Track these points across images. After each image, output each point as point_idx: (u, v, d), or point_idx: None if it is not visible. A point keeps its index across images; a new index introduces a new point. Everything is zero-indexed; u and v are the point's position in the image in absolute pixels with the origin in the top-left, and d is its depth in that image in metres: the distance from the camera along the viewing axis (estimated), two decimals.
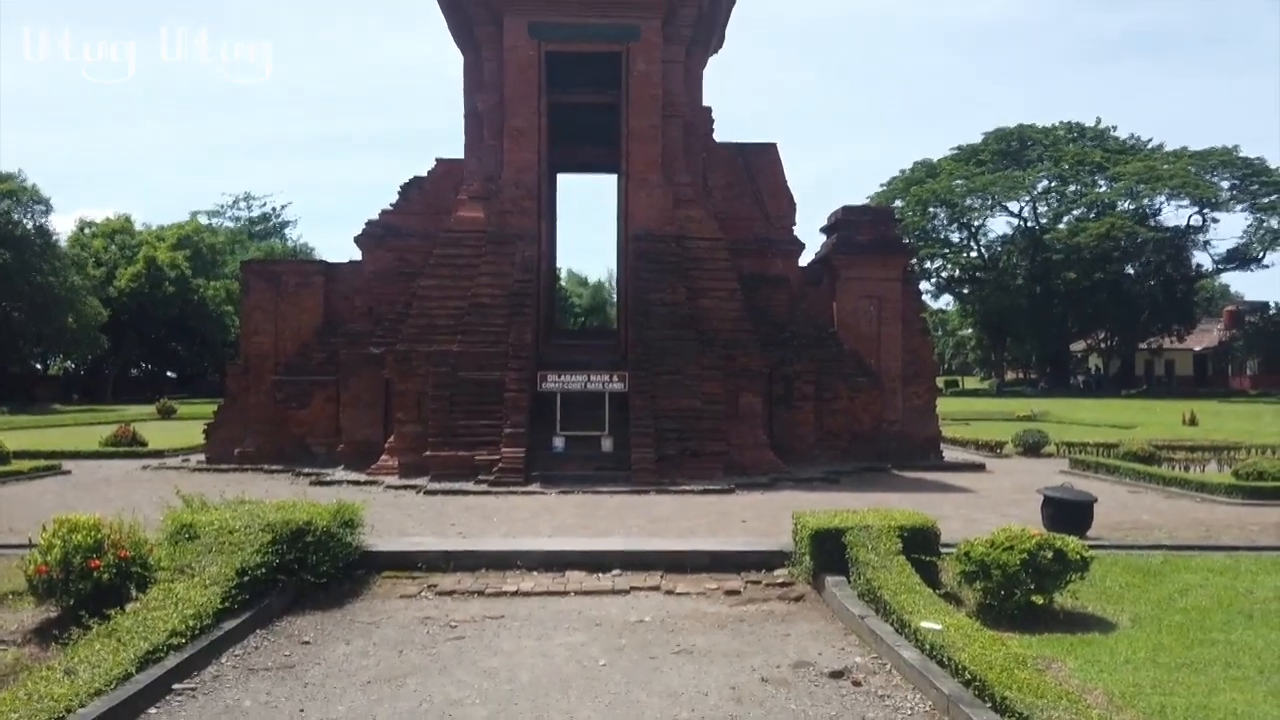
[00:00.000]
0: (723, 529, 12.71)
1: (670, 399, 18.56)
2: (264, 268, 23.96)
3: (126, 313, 59.39)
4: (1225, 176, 70.03)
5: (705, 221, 20.74)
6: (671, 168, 20.69)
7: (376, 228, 21.86)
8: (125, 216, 66.98)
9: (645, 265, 20.03)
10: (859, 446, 21.23)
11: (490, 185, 20.51)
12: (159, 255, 60.68)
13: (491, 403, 18.42)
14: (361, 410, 20.30)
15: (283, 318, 21.98)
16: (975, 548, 8.72)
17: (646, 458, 17.53)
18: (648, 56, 20.26)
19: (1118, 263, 68.62)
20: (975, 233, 78.35)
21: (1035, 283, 72.17)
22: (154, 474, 19.70)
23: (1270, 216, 69.33)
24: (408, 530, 12.54)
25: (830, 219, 23.77)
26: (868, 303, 22.06)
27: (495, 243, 20.04)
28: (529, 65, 20.17)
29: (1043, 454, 24.54)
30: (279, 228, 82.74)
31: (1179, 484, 17.35)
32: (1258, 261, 71.72)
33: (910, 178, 77.91)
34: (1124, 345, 75.00)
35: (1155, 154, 73.48)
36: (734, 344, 19.58)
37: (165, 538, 9.32)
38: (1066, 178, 74.19)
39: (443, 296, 19.86)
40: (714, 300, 20.10)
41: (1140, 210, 71.45)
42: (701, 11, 20.90)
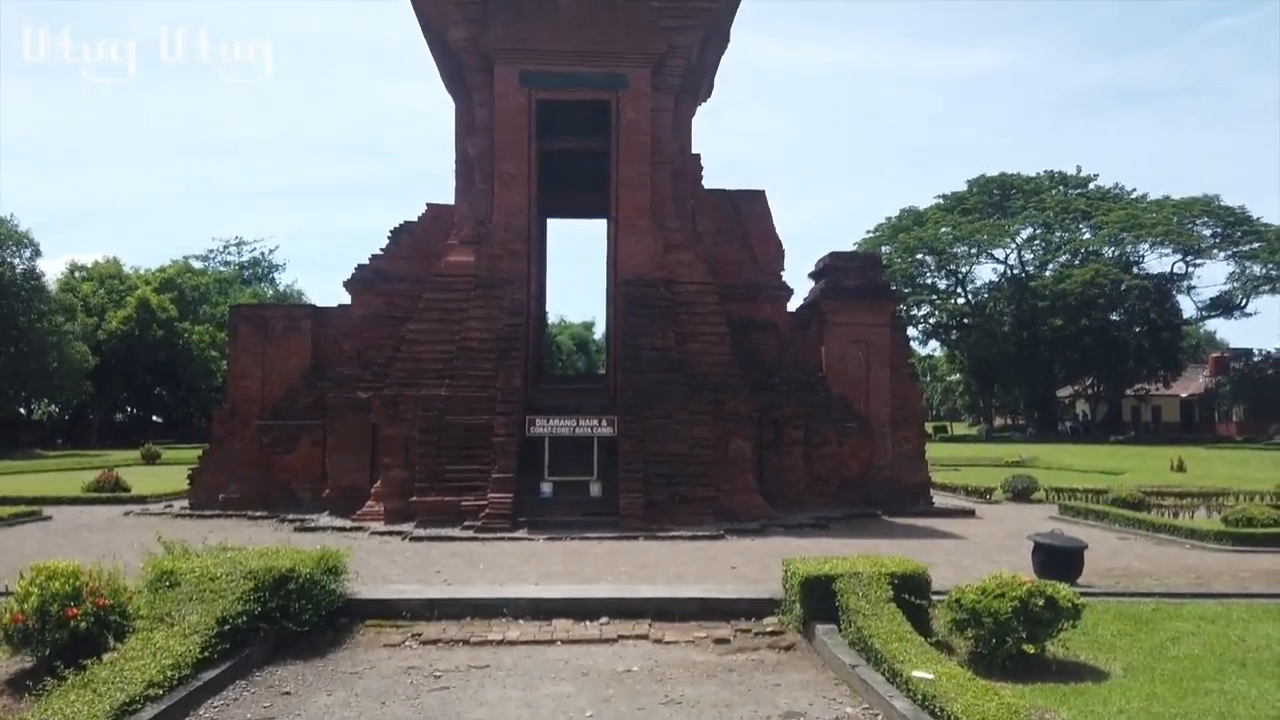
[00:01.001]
0: (712, 576, 12.58)
1: (659, 443, 18.48)
2: (252, 312, 23.90)
3: (114, 357, 59.06)
4: (1207, 225, 70.99)
5: (694, 266, 20.85)
6: (661, 213, 20.84)
7: (366, 272, 21.88)
8: (114, 260, 66.90)
9: (635, 310, 20.08)
10: (848, 492, 21.15)
11: (480, 230, 20.60)
12: (150, 299, 60.55)
13: (479, 447, 18.31)
14: (348, 455, 20.14)
15: (270, 362, 21.88)
16: (966, 595, 8.65)
17: (635, 503, 17.41)
18: (637, 105, 20.51)
19: (1103, 309, 69.19)
20: (962, 279, 79.05)
21: (1022, 329, 72.65)
22: (136, 520, 19.44)
23: (1252, 264, 70.19)
24: (392, 577, 12.37)
25: (818, 265, 23.92)
26: (856, 348, 22.12)
27: (484, 287, 20.07)
28: (519, 112, 20.38)
29: (1032, 500, 24.49)
30: (269, 272, 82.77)
31: (1168, 530, 17.30)
32: (1240, 309, 72.47)
33: (897, 225, 78.72)
34: (1111, 391, 75.36)
35: (1138, 203, 74.51)
36: (723, 388, 19.57)
37: (145, 585, 9.16)
38: (1051, 225, 75.09)
39: (431, 340, 19.83)
40: (703, 345, 20.13)
41: (1124, 257, 72.27)
42: (690, 62, 21.20)
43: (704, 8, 20.73)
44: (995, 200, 77.07)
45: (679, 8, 20.56)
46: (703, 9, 20.74)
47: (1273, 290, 69.96)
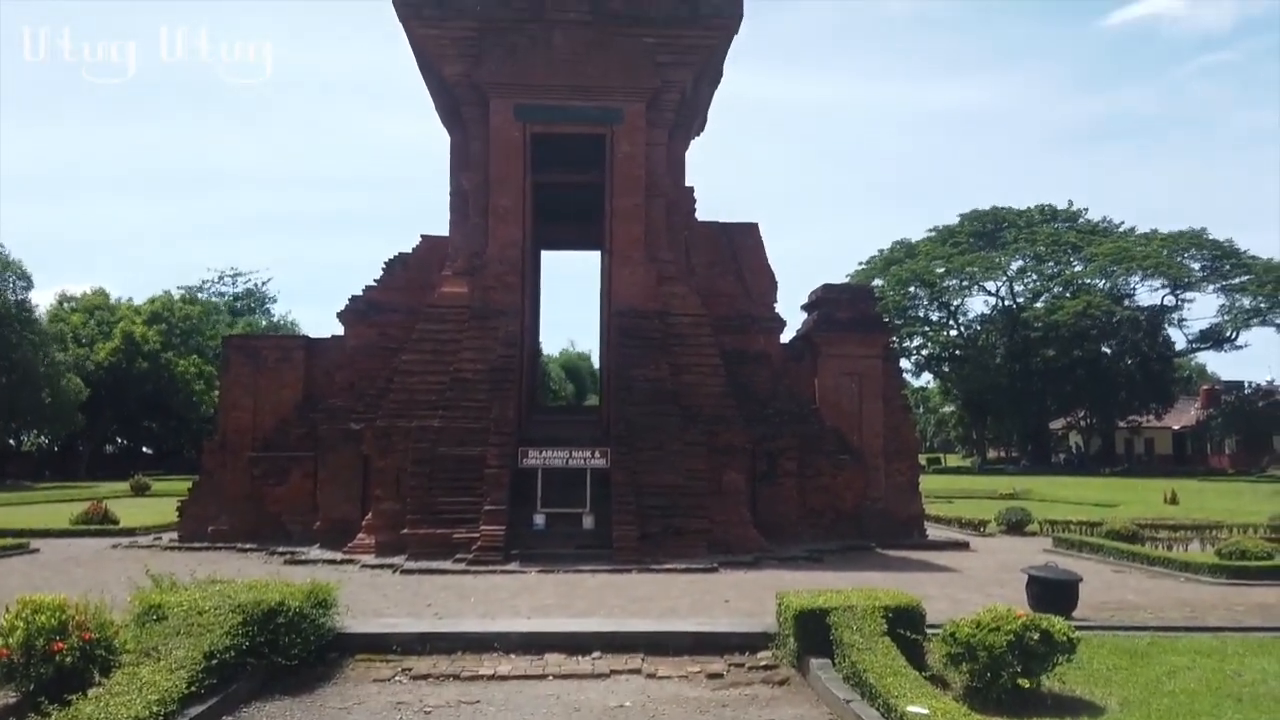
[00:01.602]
0: (705, 609, 12.49)
1: (653, 475, 18.43)
2: (245, 342, 23.88)
3: (102, 388, 58.79)
4: (1196, 258, 71.49)
5: (688, 298, 20.91)
6: (655, 246, 20.94)
7: (360, 303, 21.90)
8: (101, 291, 66.76)
9: (628, 341, 20.10)
10: (842, 524, 21.08)
11: (475, 261, 20.66)
12: (135, 330, 60.38)
13: (471, 479, 18.23)
14: (339, 487, 20.03)
15: (262, 393, 21.81)
16: (961, 628, 8.60)
17: (628, 535, 17.33)
18: (631, 139, 20.68)
19: (1095, 341, 69.46)
20: (954, 312, 79.36)
21: (1014, 361, 72.87)
22: (124, 553, 19.26)
23: (1241, 297, 70.62)
24: (383, 611, 12.26)
25: (811, 297, 24.02)
26: (849, 380, 22.15)
27: (478, 318, 20.09)
28: (514, 146, 20.52)
29: (1026, 532, 24.43)
30: (262, 303, 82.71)
31: (1163, 563, 17.27)
32: (1231, 341, 72.79)
33: (889, 257, 79.14)
34: (1103, 423, 75.48)
35: (1127, 236, 75.09)
36: (717, 420, 19.56)
37: (132, 619, 9.06)
38: (1043, 258, 75.56)
39: (424, 372, 19.81)
40: (697, 376, 20.15)
41: (1115, 290, 72.69)
42: (684, 96, 21.41)
43: (698, 44, 20.98)
44: (987, 233, 77.59)
45: (673, 44, 20.80)
46: (696, 46, 20.98)
47: (1262, 323, 70.37)
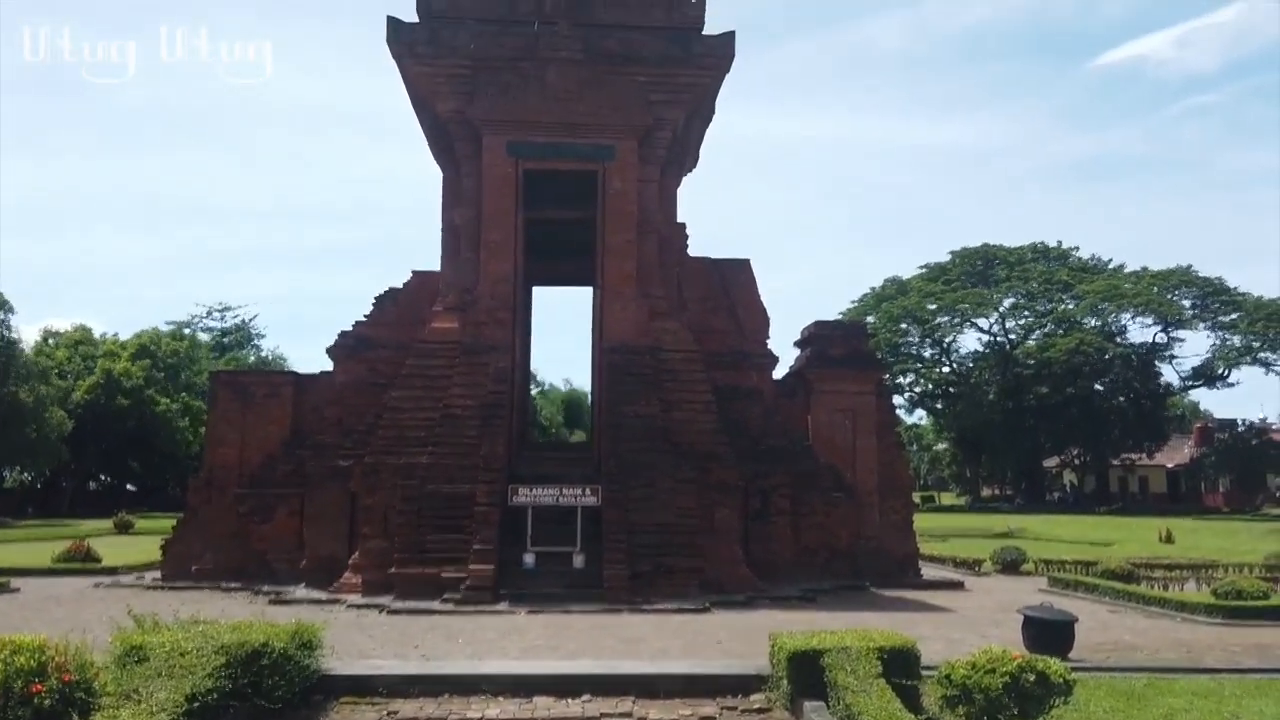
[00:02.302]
0: (697, 650, 12.30)
1: (644, 513, 18.26)
2: (232, 378, 23.76)
3: (85, 425, 58.30)
4: (1186, 295, 71.97)
5: (680, 334, 20.88)
6: (646, 282, 20.94)
7: (349, 339, 21.80)
8: (84, 327, 66.53)
9: (620, 378, 20.02)
10: (837, 563, 20.89)
11: (466, 297, 20.62)
12: (116, 367, 60.01)
13: (461, 517, 18.03)
14: (326, 525, 19.79)
15: (249, 429, 21.62)
16: (956, 670, 8.45)
17: (619, 575, 17.12)
18: (623, 175, 20.76)
19: (1087, 379, 69.61)
20: (946, 349, 79.53)
21: (1007, 398, 72.95)
22: (106, 592, 18.96)
23: (1232, 335, 70.98)
24: (369, 652, 12.04)
25: (803, 333, 24.02)
26: (842, 416, 22.08)
27: (469, 354, 20.01)
28: (506, 182, 20.58)
29: (1021, 572, 24.26)
30: (250, 338, 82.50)
31: (1159, 603, 17.12)
32: (1223, 379, 73.02)
33: (881, 294, 79.47)
34: (1097, 461, 75.40)
35: (1118, 274, 75.62)
36: (709, 457, 19.43)
37: (113, 660, 8.85)
38: (1034, 295, 75.97)
39: (414, 408, 19.68)
40: (688, 413, 20.05)
41: (1106, 327, 73.03)
42: (676, 134, 21.55)
43: (690, 83, 21.16)
44: (978, 270, 78.05)
45: (665, 83, 20.98)
46: (688, 84, 21.16)
47: (1253, 361, 70.66)
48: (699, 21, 21.47)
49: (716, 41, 21.09)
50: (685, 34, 21.16)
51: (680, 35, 21.11)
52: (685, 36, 21.11)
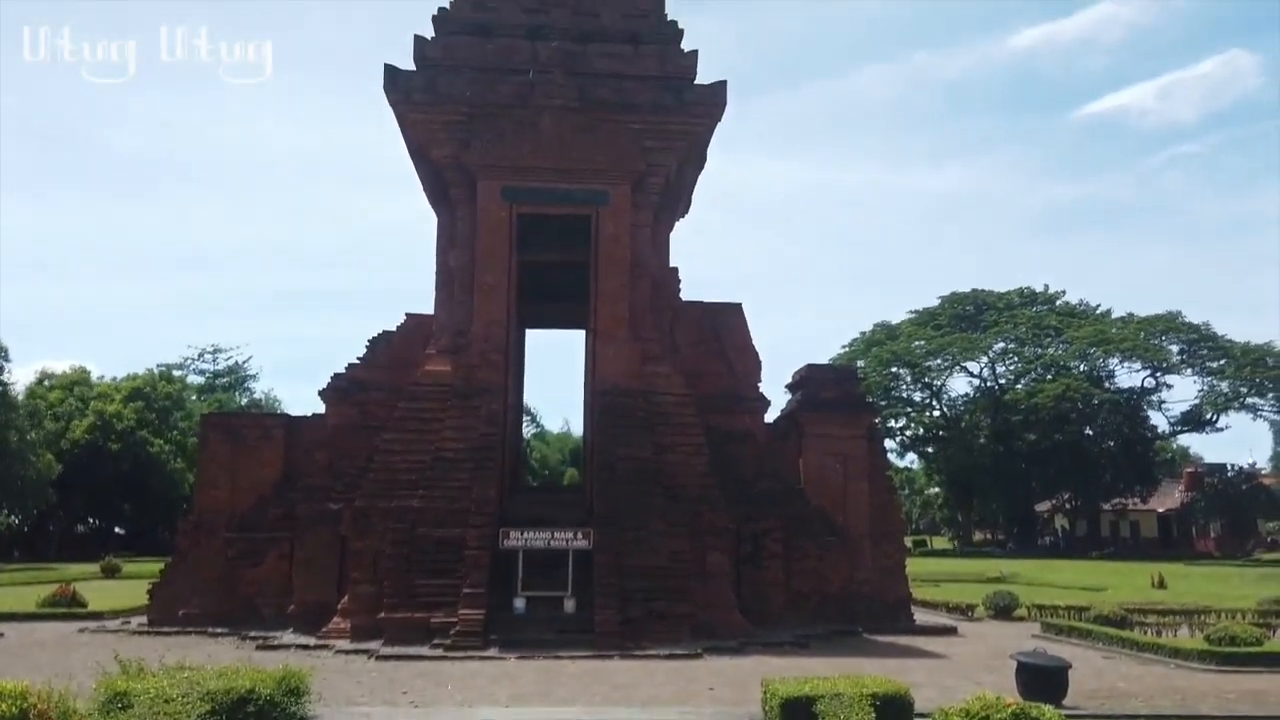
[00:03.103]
0: (689, 697, 12.19)
1: (636, 557, 18.16)
2: (223, 420, 23.69)
3: (76, 467, 57.86)
4: (1174, 341, 72.46)
5: (672, 377, 20.93)
6: (639, 325, 21.04)
7: (342, 381, 21.80)
8: (82, 369, 66.28)
9: (612, 420, 20.03)
10: (829, 608, 20.75)
11: (459, 340, 20.68)
12: (109, 409, 59.72)
13: (451, 561, 17.91)
14: (315, 569, 19.62)
15: (240, 472, 21.51)
16: (950, 717, 8.40)
17: (610, 620, 16.98)
18: (617, 220, 20.96)
19: (1076, 424, 69.77)
20: (937, 392, 79.73)
21: (998, 442, 73.01)
22: (91, 637, 18.72)
23: (1219, 380, 71.33)
24: (357, 699, 11.89)
25: (795, 377, 24.10)
26: (834, 460, 22.07)
27: (461, 397, 20.01)
28: (501, 226, 20.74)
29: (1014, 617, 24.11)
30: (243, 381, 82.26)
31: (1152, 649, 17.04)
32: (1211, 424, 73.24)
33: (871, 339, 79.81)
34: (1088, 506, 75.33)
35: (1105, 319, 76.16)
36: (701, 500, 19.39)
37: (96, 707, 8.74)
38: (1023, 340, 76.40)
39: (405, 451, 19.62)
40: (681, 456, 20.03)
41: (1094, 372, 73.37)
42: (669, 180, 21.81)
43: (682, 131, 21.47)
44: (967, 315, 78.55)
45: (658, 130, 21.28)
46: (681, 132, 21.46)
47: (1241, 406, 70.98)
48: (691, 71, 21.84)
49: (708, 90, 21.44)
50: (678, 83, 21.51)
51: (673, 84, 21.45)
52: (678, 85, 21.46)
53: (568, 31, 21.96)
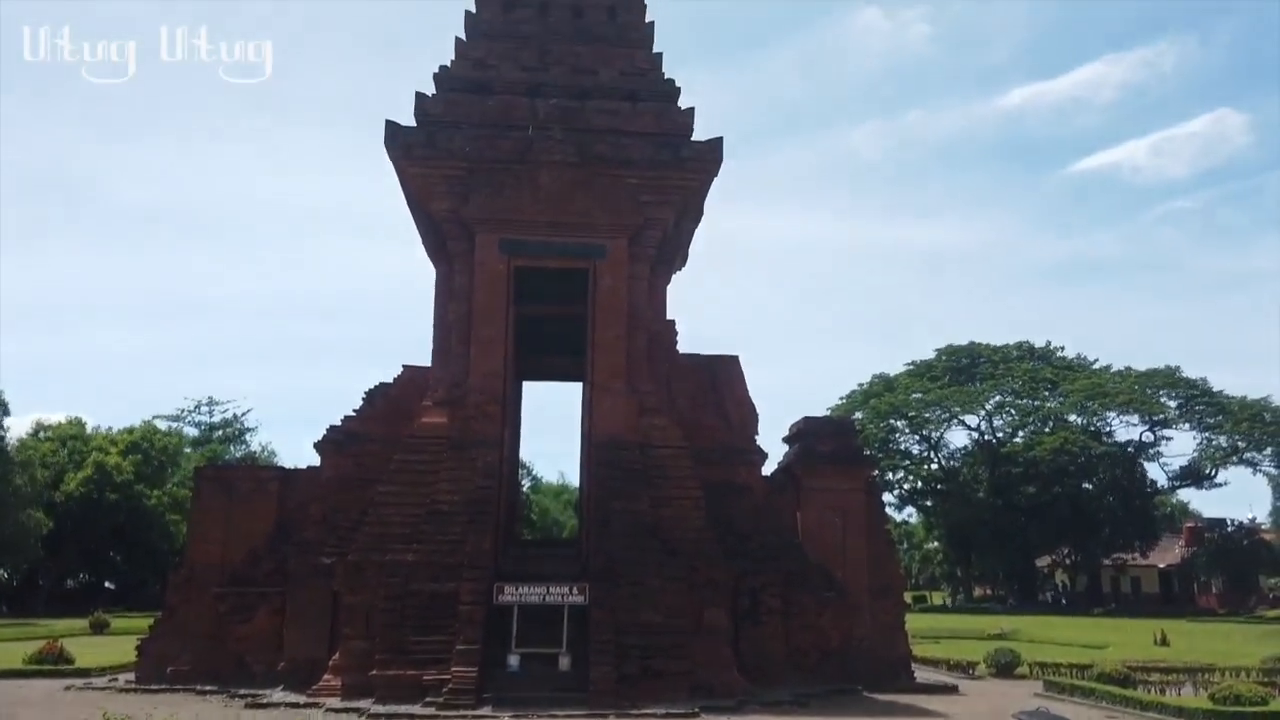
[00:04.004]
0: None
1: (632, 613, 17.91)
2: (217, 473, 23.54)
3: (69, 520, 57.25)
4: (1171, 396, 72.48)
5: (669, 430, 20.86)
6: (636, 377, 21.02)
7: (338, 433, 21.70)
8: (77, 420, 65.93)
9: (608, 473, 19.91)
10: (828, 665, 20.41)
11: (456, 392, 20.63)
12: (109, 460, 59.29)
13: (445, 616, 17.65)
14: (307, 625, 19.32)
15: (233, 525, 21.29)
16: None
17: (606, 677, 16.70)
18: (614, 273, 21.06)
19: (1075, 477, 69.42)
20: (934, 445, 79.48)
21: (996, 496, 72.60)
22: (77, 695, 18.38)
23: (1217, 435, 71.21)
24: None
25: (792, 429, 24.02)
26: (832, 513, 21.90)
27: (457, 449, 19.90)
28: (499, 279, 20.84)
29: (1016, 675, 23.75)
30: (240, 433, 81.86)
31: (1156, 708, 16.77)
32: (1210, 479, 72.94)
33: (869, 391, 79.76)
34: (1088, 561, 74.66)
35: (1101, 373, 76.27)
36: (698, 555, 19.19)
37: None
38: (1020, 393, 76.40)
39: (400, 504, 19.46)
40: (677, 509, 19.87)
41: (1092, 426, 73.24)
42: (666, 234, 21.98)
43: (679, 186, 21.70)
44: (964, 368, 78.62)
45: (655, 185, 21.50)
46: (678, 187, 21.69)
47: (1239, 461, 70.77)
48: (688, 128, 22.15)
49: (705, 147, 21.71)
50: (675, 139, 21.80)
51: (670, 140, 21.74)
52: (675, 141, 21.74)
53: (566, 89, 22.32)
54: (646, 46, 23.72)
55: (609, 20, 23.70)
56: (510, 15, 23.52)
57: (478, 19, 23.52)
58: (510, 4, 23.64)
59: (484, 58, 22.70)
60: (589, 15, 23.67)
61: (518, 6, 23.60)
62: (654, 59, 23.45)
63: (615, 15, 23.77)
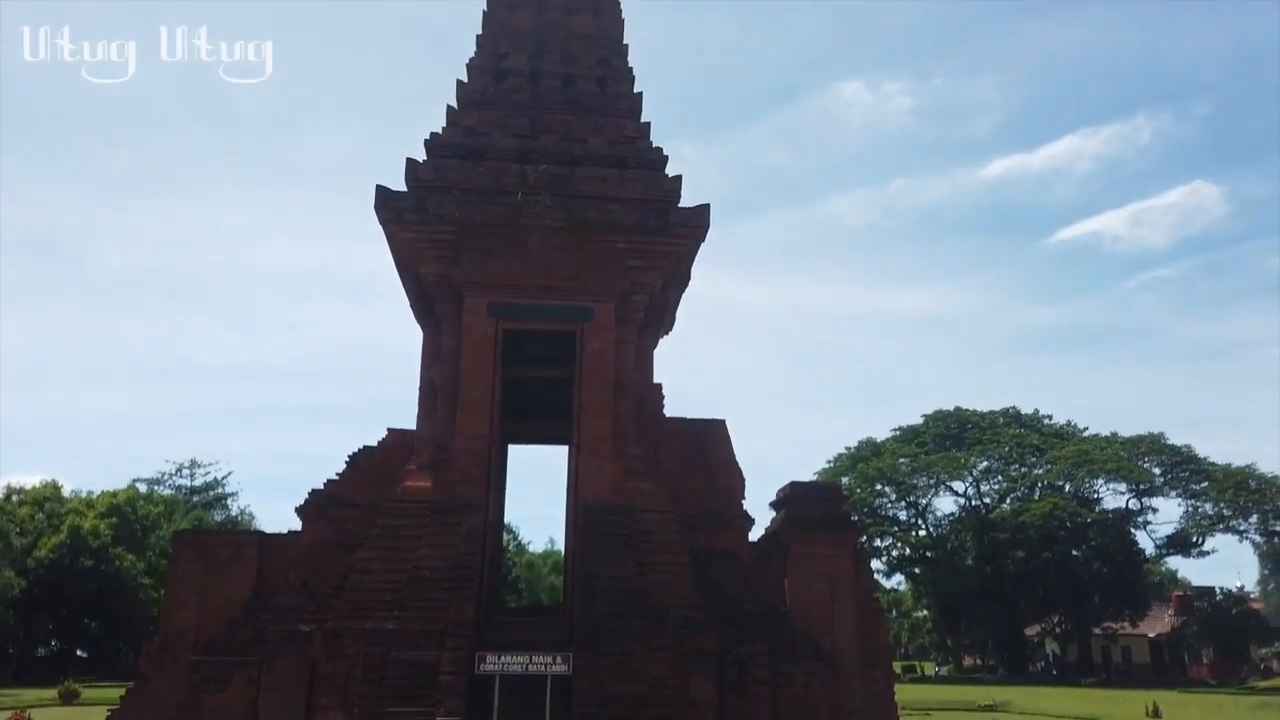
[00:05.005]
0: None
1: (617, 684, 17.52)
2: (195, 538, 23.09)
3: (41, 586, 55.95)
4: (1156, 463, 72.62)
5: (656, 494, 20.69)
6: (623, 441, 20.92)
7: (319, 497, 21.43)
8: (53, 483, 64.91)
9: (594, 538, 19.67)
10: None
11: (440, 455, 20.46)
12: (84, 524, 58.18)
13: (425, 687, 17.21)
14: (283, 696, 18.77)
15: (210, 592, 20.82)
16: None
17: None
18: (601, 336, 21.11)
19: (1064, 544, 69.11)
20: (922, 511, 79.14)
21: (985, 563, 72.10)
22: None
23: (1203, 502, 71.21)
24: None
25: (779, 494, 23.85)
26: (820, 580, 21.62)
27: (440, 513, 19.65)
28: (486, 341, 20.83)
29: None
30: (221, 498, 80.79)
31: None
32: (1197, 546, 72.72)
33: (856, 456, 79.63)
34: (1079, 630, 73.94)
35: (1087, 439, 76.44)
36: (685, 623, 18.87)
37: None
38: (1007, 459, 76.41)
39: (382, 570, 19.13)
40: (664, 576, 19.60)
41: (1079, 493, 73.15)
42: (653, 298, 22.10)
43: (666, 251, 21.89)
44: (951, 434, 78.70)
45: (643, 250, 21.69)
46: (665, 252, 21.88)
47: (1226, 529, 70.67)
48: (675, 194, 22.44)
49: (692, 213, 21.97)
50: (662, 205, 22.06)
51: (657, 207, 21.99)
52: (662, 208, 22.00)
53: (556, 156, 22.63)
54: (635, 116, 24.16)
55: (599, 91, 24.17)
56: (502, 85, 23.97)
57: (469, 88, 23.94)
58: (502, 74, 24.11)
59: (475, 125, 23.04)
60: (579, 86, 24.14)
61: (509, 76, 24.06)
62: (642, 128, 23.86)
63: (605, 86, 24.26)
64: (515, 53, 24.37)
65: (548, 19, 25.10)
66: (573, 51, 24.62)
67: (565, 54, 24.56)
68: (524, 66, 24.23)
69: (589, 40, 24.87)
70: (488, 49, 24.58)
